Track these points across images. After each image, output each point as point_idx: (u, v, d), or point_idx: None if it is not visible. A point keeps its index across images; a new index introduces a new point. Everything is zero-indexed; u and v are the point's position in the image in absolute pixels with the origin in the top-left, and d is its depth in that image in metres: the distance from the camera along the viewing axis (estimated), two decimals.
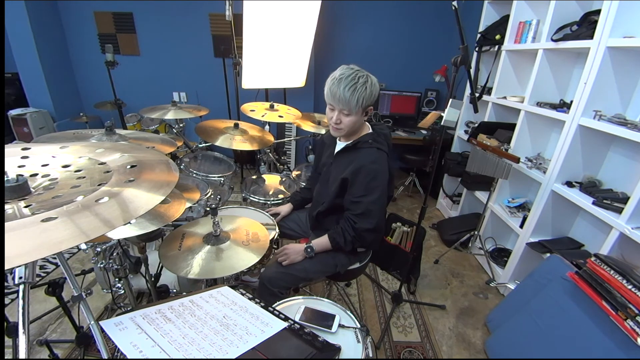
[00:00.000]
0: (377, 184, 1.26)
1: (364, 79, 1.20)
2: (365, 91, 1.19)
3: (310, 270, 1.41)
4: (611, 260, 1.27)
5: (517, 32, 2.32)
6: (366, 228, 1.29)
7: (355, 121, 1.26)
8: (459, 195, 3.01)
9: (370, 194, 1.26)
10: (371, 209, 1.27)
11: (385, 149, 1.33)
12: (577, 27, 1.81)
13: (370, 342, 1.03)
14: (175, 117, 1.99)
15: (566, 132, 1.75)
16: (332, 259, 1.42)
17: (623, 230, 1.42)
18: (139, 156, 0.76)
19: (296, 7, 2.84)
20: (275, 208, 1.73)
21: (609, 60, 1.55)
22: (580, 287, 1.35)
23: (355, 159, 1.30)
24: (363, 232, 1.29)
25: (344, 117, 1.25)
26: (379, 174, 1.26)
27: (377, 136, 1.34)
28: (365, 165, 1.26)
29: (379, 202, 1.27)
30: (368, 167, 1.26)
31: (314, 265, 1.40)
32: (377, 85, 1.24)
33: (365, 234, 1.30)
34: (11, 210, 0.55)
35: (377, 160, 1.28)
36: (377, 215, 1.28)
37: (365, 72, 1.22)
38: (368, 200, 1.26)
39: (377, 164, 1.27)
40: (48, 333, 1.67)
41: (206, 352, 0.70)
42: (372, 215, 1.28)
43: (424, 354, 1.71)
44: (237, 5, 2.57)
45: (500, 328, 1.71)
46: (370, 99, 1.22)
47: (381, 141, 1.34)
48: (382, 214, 1.33)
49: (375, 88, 1.23)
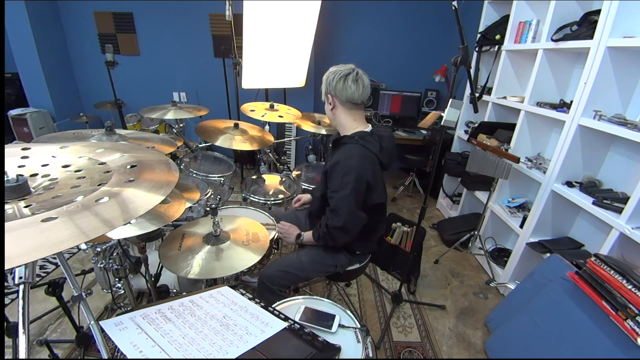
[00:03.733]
0: (347, 181, 1.23)
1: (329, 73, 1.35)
2: (326, 80, 1.36)
3: (310, 270, 1.41)
4: (611, 260, 1.27)
5: (517, 32, 2.31)
6: (334, 225, 1.28)
7: (327, 109, 1.41)
8: (459, 195, 3.01)
9: (341, 189, 1.24)
10: (340, 205, 1.25)
11: (373, 149, 1.28)
12: (577, 27, 1.81)
13: (370, 342, 1.03)
14: (175, 117, 1.99)
15: (566, 132, 1.75)
16: (332, 259, 1.42)
17: (623, 230, 1.42)
18: (139, 156, 0.76)
19: (296, 7, 2.84)
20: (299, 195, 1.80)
21: (609, 60, 1.55)
22: (580, 287, 1.35)
23: (337, 153, 1.31)
24: (332, 230, 1.29)
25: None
26: (351, 171, 1.23)
27: (367, 135, 1.31)
28: (341, 161, 1.26)
29: (347, 199, 1.23)
30: (342, 163, 1.25)
31: (314, 265, 1.41)
32: (334, 80, 1.32)
33: (334, 232, 1.29)
34: (11, 210, 0.55)
35: (355, 156, 1.25)
36: (345, 214, 1.25)
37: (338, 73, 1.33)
38: (338, 197, 1.26)
39: (353, 160, 1.24)
40: (48, 333, 1.67)
41: (206, 352, 0.70)
42: (340, 213, 1.25)
43: (424, 354, 1.71)
44: (237, 5, 2.56)
45: (500, 328, 1.71)
46: (324, 87, 1.37)
47: (370, 140, 1.30)
48: (354, 212, 1.26)
49: (331, 78, 1.33)
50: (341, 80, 1.29)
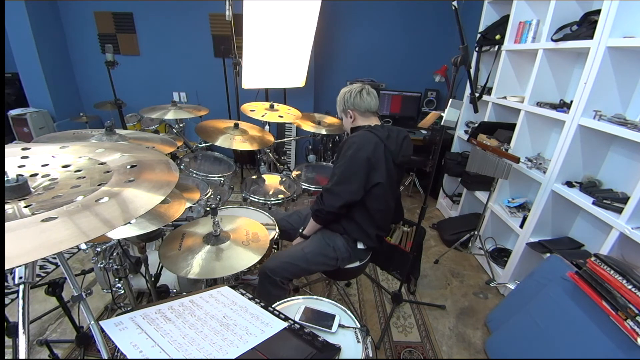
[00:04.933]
0: (346, 153, 1.36)
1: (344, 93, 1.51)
2: (340, 102, 1.54)
3: (312, 262, 1.44)
4: (611, 260, 1.27)
5: (517, 32, 2.31)
6: (325, 187, 1.42)
7: (346, 122, 1.56)
8: (459, 195, 3.01)
9: (340, 159, 1.39)
10: (335, 172, 1.39)
11: (379, 134, 1.40)
12: (577, 27, 1.81)
13: (370, 342, 1.03)
14: (175, 117, 1.99)
15: (566, 132, 1.75)
16: (333, 250, 1.46)
17: (623, 230, 1.42)
18: (139, 156, 0.76)
19: (296, 7, 2.83)
20: None
21: (609, 60, 1.55)
22: (580, 287, 1.35)
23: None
24: (323, 192, 1.42)
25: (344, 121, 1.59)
26: (352, 145, 1.37)
27: (380, 127, 1.46)
28: (347, 141, 1.42)
29: (342, 167, 1.37)
30: (347, 142, 1.41)
31: (316, 257, 1.44)
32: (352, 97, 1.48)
33: (324, 193, 1.42)
34: (11, 210, 0.55)
35: (359, 135, 1.41)
36: (336, 179, 1.37)
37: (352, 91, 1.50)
38: (336, 165, 1.41)
39: (356, 137, 1.39)
40: (48, 333, 1.67)
41: (206, 352, 0.70)
42: (332, 178, 1.39)
43: (424, 354, 1.71)
44: (237, 5, 2.56)
45: (500, 328, 1.71)
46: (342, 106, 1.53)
47: (378, 129, 1.43)
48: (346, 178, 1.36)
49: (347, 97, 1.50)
50: (358, 95, 1.48)
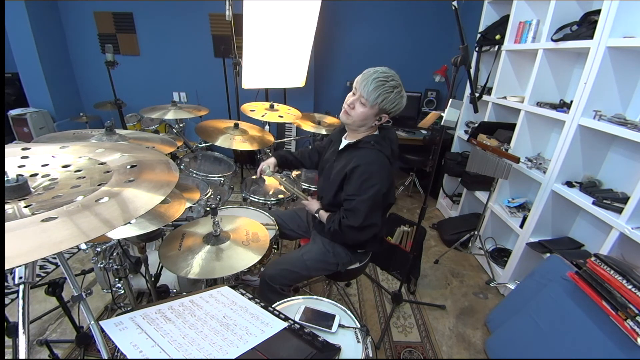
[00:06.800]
0: (371, 184, 1.26)
1: (395, 84, 1.24)
2: (390, 94, 1.23)
3: (312, 268, 1.42)
4: (611, 260, 1.27)
5: (517, 32, 2.31)
6: (349, 225, 1.30)
7: (367, 115, 1.28)
8: (459, 195, 3.01)
9: (363, 193, 1.27)
10: (359, 207, 1.27)
11: (387, 153, 1.33)
12: (577, 27, 1.81)
13: (370, 342, 1.03)
14: (175, 117, 1.99)
15: (566, 132, 1.75)
16: (334, 256, 1.43)
17: (623, 230, 1.42)
18: (139, 156, 0.76)
19: (296, 7, 2.83)
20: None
21: (609, 60, 1.55)
22: (580, 287, 1.35)
23: (355, 157, 1.31)
24: (345, 228, 1.31)
25: (358, 105, 1.28)
26: (374, 175, 1.26)
27: (381, 139, 1.35)
28: (362, 165, 1.27)
29: (368, 202, 1.26)
30: (363, 168, 1.27)
31: (316, 263, 1.42)
32: (403, 99, 1.28)
33: (347, 230, 1.31)
34: (11, 210, 0.55)
35: (375, 161, 1.29)
36: (363, 215, 1.27)
37: (400, 83, 1.26)
38: (359, 199, 1.27)
39: (374, 165, 1.28)
40: (48, 333, 1.67)
41: (206, 352, 0.70)
42: (359, 215, 1.28)
43: (424, 354, 1.71)
44: (237, 5, 2.56)
45: (500, 328, 1.71)
46: (390, 104, 1.25)
47: (384, 144, 1.34)
48: (371, 215, 1.29)
49: (400, 98, 1.27)
50: (403, 99, 1.28)
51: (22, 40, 3.24)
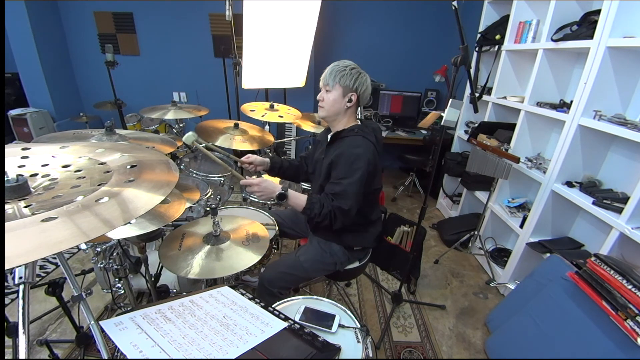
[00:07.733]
0: (357, 167, 1.26)
1: (350, 64, 1.32)
2: (344, 71, 1.30)
3: (310, 270, 1.41)
4: (611, 260, 1.27)
5: (517, 32, 2.31)
6: (339, 206, 1.26)
7: (335, 99, 1.32)
8: (459, 195, 3.01)
9: (350, 176, 1.26)
10: (348, 190, 1.26)
11: (372, 139, 1.34)
12: (577, 27, 1.81)
13: (370, 342, 1.03)
14: (175, 117, 2.00)
15: (566, 132, 1.75)
16: (331, 256, 1.43)
17: (623, 230, 1.42)
18: (139, 156, 0.76)
19: (296, 7, 2.83)
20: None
21: (609, 60, 1.55)
22: (580, 287, 1.35)
23: (340, 146, 1.32)
24: (336, 210, 1.26)
25: (325, 94, 1.35)
26: (360, 157, 1.27)
27: (364, 127, 1.37)
28: (347, 150, 1.29)
29: (356, 184, 1.26)
30: (349, 152, 1.28)
31: (314, 264, 1.41)
32: (363, 77, 1.32)
33: (338, 213, 1.26)
34: (11, 210, 0.55)
35: (360, 145, 1.29)
36: (352, 198, 1.26)
37: (356, 66, 1.33)
38: (347, 182, 1.26)
39: (359, 149, 1.28)
40: (48, 333, 1.67)
41: (206, 352, 0.70)
42: (348, 197, 1.26)
43: (424, 354, 1.71)
44: (237, 5, 2.56)
45: (500, 328, 1.71)
46: (349, 80, 1.30)
47: (368, 132, 1.35)
48: (357, 199, 1.28)
49: (358, 74, 1.31)
50: (363, 77, 1.32)
51: (22, 40, 3.24)
